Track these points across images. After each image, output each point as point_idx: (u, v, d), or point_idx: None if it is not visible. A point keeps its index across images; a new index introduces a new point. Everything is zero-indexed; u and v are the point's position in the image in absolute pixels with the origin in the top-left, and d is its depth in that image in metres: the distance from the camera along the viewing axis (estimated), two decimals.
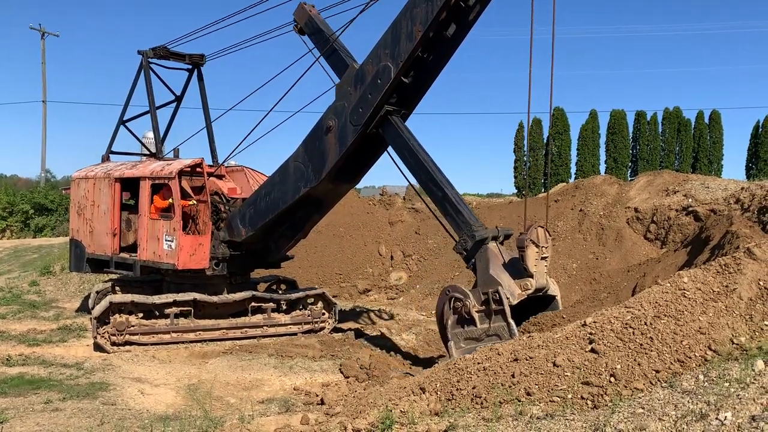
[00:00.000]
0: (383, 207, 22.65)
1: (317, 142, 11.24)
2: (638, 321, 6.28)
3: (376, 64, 10.37)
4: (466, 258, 10.02)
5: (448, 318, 9.51)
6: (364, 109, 10.58)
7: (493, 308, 9.21)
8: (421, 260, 20.18)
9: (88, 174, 13.61)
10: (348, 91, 10.83)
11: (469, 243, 9.90)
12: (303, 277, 18.43)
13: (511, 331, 8.99)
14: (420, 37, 9.81)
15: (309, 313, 13.22)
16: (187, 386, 9.69)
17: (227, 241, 12.58)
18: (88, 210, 13.37)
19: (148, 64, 13.77)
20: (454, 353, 9.25)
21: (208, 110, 15.05)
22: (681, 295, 6.52)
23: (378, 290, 19.21)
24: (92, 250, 13.30)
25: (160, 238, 12.07)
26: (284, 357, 11.32)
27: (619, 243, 17.29)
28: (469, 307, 9.32)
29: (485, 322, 9.29)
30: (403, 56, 10.02)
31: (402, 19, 9.99)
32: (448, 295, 9.64)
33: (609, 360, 5.93)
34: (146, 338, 11.79)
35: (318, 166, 11.21)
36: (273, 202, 11.86)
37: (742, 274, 6.55)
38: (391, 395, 6.84)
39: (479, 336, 9.26)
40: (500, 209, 21.34)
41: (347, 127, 10.80)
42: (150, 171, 12.48)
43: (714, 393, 5.01)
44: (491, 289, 9.26)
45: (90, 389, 9.20)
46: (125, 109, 14.34)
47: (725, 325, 6.05)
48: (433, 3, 9.56)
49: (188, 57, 14.39)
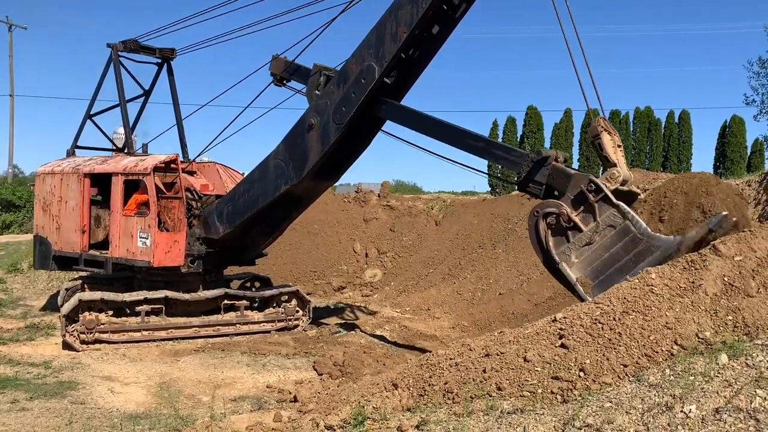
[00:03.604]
0: (358, 204, 22.64)
1: (298, 140, 11.24)
2: (607, 316, 6.38)
3: (359, 64, 10.41)
4: (539, 189, 9.21)
5: (548, 239, 8.65)
6: (347, 108, 10.61)
7: (592, 199, 8.38)
8: (395, 257, 20.22)
9: (54, 169, 13.32)
10: (330, 89, 10.87)
11: (537, 167, 9.14)
12: (277, 274, 18.35)
13: (623, 212, 8.18)
14: (404, 39, 9.87)
15: (283, 310, 13.18)
16: (158, 384, 9.59)
17: (203, 238, 12.48)
18: (55, 206, 13.08)
19: (117, 57, 13.56)
20: (570, 272, 8.52)
21: (178, 105, 14.90)
22: (649, 291, 6.64)
23: (353, 287, 19.21)
24: (59, 247, 13.02)
25: (134, 235, 11.90)
26: (257, 355, 11.28)
27: None
28: (567, 214, 8.52)
29: (590, 220, 8.43)
30: (387, 57, 10.08)
31: (387, 20, 10.04)
32: (539, 215, 8.74)
33: (578, 355, 6.01)
34: (116, 336, 11.63)
35: (299, 164, 11.21)
36: (252, 199, 11.84)
37: (708, 270, 6.69)
38: (364, 392, 6.85)
39: (590, 238, 8.39)
40: (474, 207, 21.47)
41: (330, 125, 10.82)
42: (123, 167, 12.28)
43: (679, 386, 5.12)
44: (583, 183, 8.50)
45: (58, 388, 9.06)
46: (92, 103, 14.10)
47: (691, 321, 6.17)
48: (419, 5, 9.60)
49: (158, 51, 14.20)
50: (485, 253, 18.05)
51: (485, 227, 19.31)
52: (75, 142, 14.19)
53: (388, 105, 10.75)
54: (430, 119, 10.32)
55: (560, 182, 8.93)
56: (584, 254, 8.44)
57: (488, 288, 16.38)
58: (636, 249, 8.04)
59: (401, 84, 10.97)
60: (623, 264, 8.09)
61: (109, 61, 13.65)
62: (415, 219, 21.45)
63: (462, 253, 18.65)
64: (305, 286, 17.77)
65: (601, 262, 8.31)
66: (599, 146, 8.74)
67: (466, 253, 18.51)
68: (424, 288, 17.40)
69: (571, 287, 8.57)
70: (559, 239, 8.65)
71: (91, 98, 14.03)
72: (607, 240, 8.27)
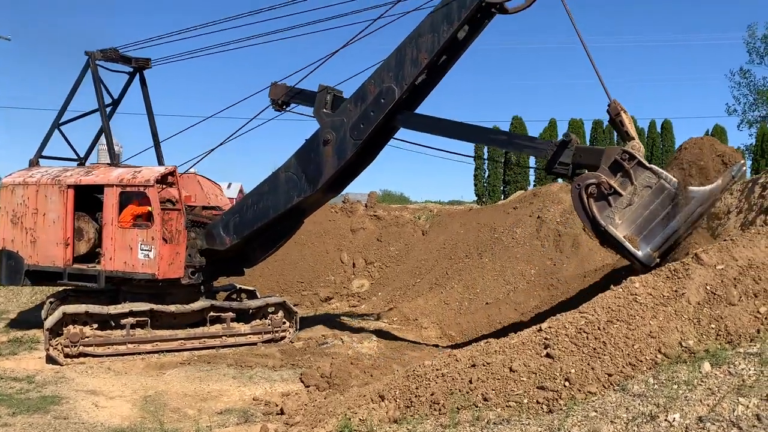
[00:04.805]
0: (345, 214, 22.63)
1: (312, 154, 11.75)
2: (592, 326, 6.43)
3: (378, 85, 11.11)
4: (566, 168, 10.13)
5: (592, 207, 9.46)
6: (366, 125, 11.25)
7: (628, 166, 9.33)
8: (383, 267, 20.21)
9: (27, 180, 12.85)
10: (347, 107, 11.48)
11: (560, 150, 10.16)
12: (264, 285, 18.27)
13: (657, 173, 9.18)
14: (426, 64, 10.70)
15: (269, 322, 13.11)
16: (144, 398, 9.49)
17: (205, 249, 12.54)
18: (29, 218, 12.61)
19: (96, 66, 13.46)
20: (617, 232, 9.31)
21: (152, 115, 14.79)
22: (633, 300, 6.71)
23: (340, 298, 19.16)
24: (34, 261, 12.56)
25: (134, 248, 11.78)
26: (244, 367, 11.20)
27: (576, 249, 17.62)
28: (607, 181, 9.41)
29: (627, 184, 9.37)
30: (408, 79, 10.84)
31: (407, 46, 10.79)
32: (581, 186, 9.56)
33: (564, 364, 6.05)
34: (101, 349, 11.50)
35: (313, 176, 11.71)
36: (262, 211, 12.16)
37: (691, 279, 6.77)
38: (351, 404, 6.84)
39: (630, 200, 9.33)
40: (461, 216, 21.55)
41: (347, 140, 11.41)
42: (118, 178, 12.14)
43: (663, 395, 5.17)
44: (616, 154, 9.45)
45: (41, 403, 8.94)
46: (63, 112, 13.76)
47: (674, 329, 6.24)
48: (440, 35, 10.45)
49: (134, 60, 14.10)
50: (472, 262, 18.10)
51: (472, 237, 19.38)
52: (40, 152, 13.83)
53: (404, 115, 11.50)
54: (450, 122, 11.19)
55: (589, 158, 9.97)
56: (626, 215, 9.37)
57: (475, 297, 16.41)
58: (673, 203, 9.12)
59: (415, 97, 11.71)
60: (663, 217, 9.18)
61: (84, 69, 13.49)
62: (402, 229, 21.47)
63: (449, 262, 18.68)
64: (292, 297, 17.70)
65: (643, 219, 9.29)
66: (621, 123, 9.81)
67: (452, 263, 18.55)
68: (412, 298, 17.39)
69: (620, 245, 9.36)
70: (602, 205, 9.50)
71: (62, 106, 13.73)
72: (646, 199, 9.27)
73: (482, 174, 39.43)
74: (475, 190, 40.23)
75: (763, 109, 45.43)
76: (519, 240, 18.34)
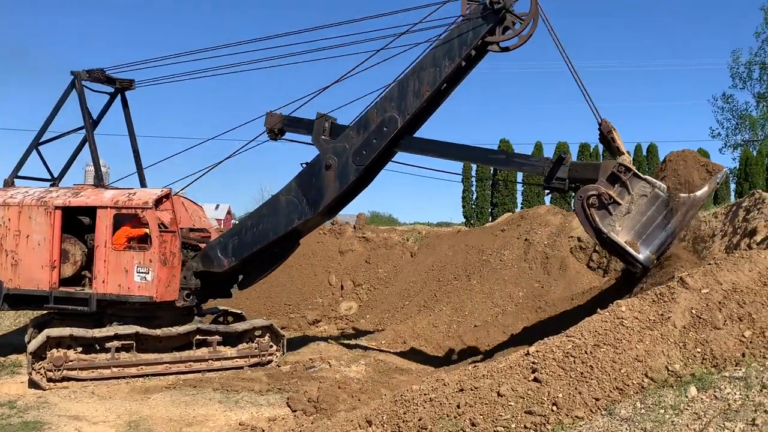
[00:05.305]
0: (333, 236, 22.61)
1: (314, 179, 12.11)
2: (579, 350, 6.45)
3: (381, 114, 11.66)
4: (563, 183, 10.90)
5: (594, 215, 10.21)
6: (368, 152, 11.74)
7: (624, 178, 10.13)
8: (371, 289, 20.16)
9: (6, 200, 12.53)
10: (349, 134, 11.93)
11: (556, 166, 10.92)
12: (251, 308, 18.13)
13: (651, 182, 10.07)
14: (427, 96, 11.35)
15: (256, 345, 12.99)
16: (128, 423, 9.35)
17: (201, 271, 12.57)
18: (10, 240, 12.27)
19: (82, 86, 13.43)
20: (617, 237, 10.08)
21: (134, 136, 14.75)
22: (619, 324, 6.74)
23: (328, 321, 19.06)
24: (15, 285, 12.19)
25: (130, 270, 11.68)
26: (230, 391, 11.08)
27: (563, 272, 17.71)
28: (607, 192, 10.18)
29: (624, 194, 10.16)
30: (410, 110, 11.45)
31: (409, 78, 11.42)
32: (583, 198, 10.30)
33: (551, 389, 6.05)
34: (85, 373, 11.34)
35: (315, 200, 12.07)
36: (262, 233, 12.40)
37: (676, 303, 6.82)
38: (338, 429, 6.79)
39: (628, 209, 10.12)
40: (449, 238, 21.59)
41: (349, 165, 11.85)
42: (113, 200, 12.06)
43: (650, 420, 5.18)
44: (613, 167, 10.26)
45: (23, 429, 8.79)
46: (43, 132, 13.58)
47: (661, 353, 6.26)
48: (441, 69, 11.16)
49: (118, 81, 14.10)
50: (460, 284, 18.11)
51: (460, 259, 19.41)
52: (16, 172, 13.60)
53: (405, 140, 11.95)
54: (450, 144, 11.84)
55: (585, 172, 10.87)
56: (625, 222, 10.17)
57: (463, 320, 16.40)
58: (667, 209, 9.99)
59: (416, 123, 12.19)
60: (659, 222, 10.04)
61: (68, 89, 13.44)
62: (390, 251, 21.47)
63: (437, 284, 18.68)
64: (280, 320, 17.59)
65: (641, 225, 10.11)
66: (612, 139, 10.84)
67: (441, 285, 18.55)
68: (400, 320, 17.34)
69: (622, 249, 10.13)
70: (603, 213, 10.27)
71: (43, 126, 13.55)
72: (642, 207, 10.11)
73: (470, 196, 39.61)
74: (464, 211, 40.36)
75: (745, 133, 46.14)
76: (507, 262, 18.40)
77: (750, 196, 13.37)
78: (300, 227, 12.47)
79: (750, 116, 45.76)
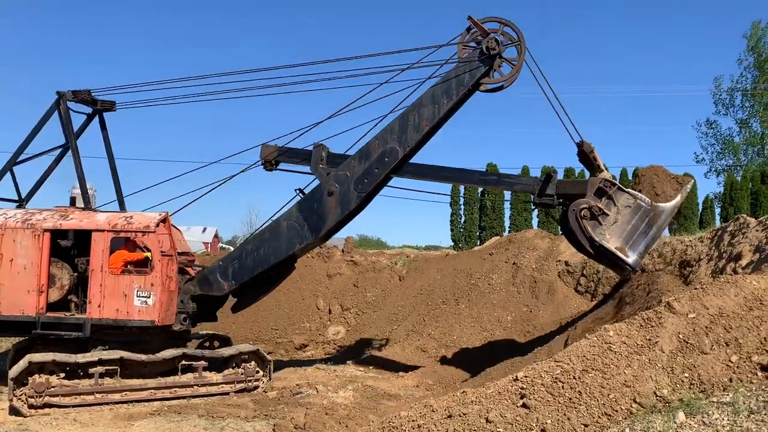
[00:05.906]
0: (322, 259, 22.53)
1: (315, 205, 12.69)
2: (567, 375, 6.43)
3: (382, 145, 12.47)
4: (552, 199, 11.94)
5: (587, 226, 11.34)
6: (369, 180, 12.49)
7: (610, 191, 11.41)
8: (359, 314, 20.06)
9: None
10: (351, 163, 12.59)
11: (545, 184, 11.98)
12: (237, 332, 17.97)
13: (633, 195, 11.39)
14: (426, 130, 12.29)
15: (242, 371, 12.83)
16: None
17: (199, 295, 12.68)
18: None
19: (67, 106, 13.37)
20: (609, 244, 11.29)
21: (113, 158, 14.68)
22: (607, 349, 6.74)
23: (315, 345, 18.91)
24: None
25: (129, 294, 11.57)
26: (215, 418, 10.90)
27: (551, 296, 17.73)
28: (597, 205, 11.36)
29: (611, 206, 11.42)
30: (410, 142, 12.36)
31: (410, 113, 12.36)
32: (576, 211, 11.41)
33: (540, 415, 6.02)
34: (67, 400, 11.10)
35: (316, 225, 12.63)
36: (262, 257, 12.76)
37: (664, 328, 6.84)
38: None
39: (615, 218, 11.39)
40: (438, 262, 21.59)
41: (350, 192, 12.51)
42: (110, 224, 11.93)
43: None
44: (600, 182, 11.47)
45: None
46: (21, 151, 13.41)
47: (649, 378, 6.26)
48: (440, 106, 12.18)
49: (100, 102, 14.08)
50: (449, 308, 18.06)
51: (448, 283, 19.39)
52: None
53: (404, 167, 12.66)
54: (447, 168, 12.71)
55: (573, 188, 12.08)
56: (614, 230, 11.42)
57: (452, 344, 16.32)
58: (648, 217, 11.34)
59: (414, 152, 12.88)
60: (642, 229, 11.35)
61: (51, 109, 13.35)
62: (379, 274, 21.42)
63: (426, 308, 18.62)
64: (266, 345, 17.43)
65: (627, 233, 11.38)
66: (594, 158, 11.94)
67: (429, 309, 18.49)
68: (388, 345, 17.23)
69: (613, 255, 11.32)
70: (594, 224, 11.44)
71: (21, 145, 13.40)
72: (627, 216, 11.40)
73: (458, 219, 39.74)
74: (452, 235, 40.43)
75: (729, 158, 46.79)
76: (495, 286, 18.41)
77: (735, 221, 13.52)
78: (299, 252, 12.97)
79: (733, 142, 46.47)
